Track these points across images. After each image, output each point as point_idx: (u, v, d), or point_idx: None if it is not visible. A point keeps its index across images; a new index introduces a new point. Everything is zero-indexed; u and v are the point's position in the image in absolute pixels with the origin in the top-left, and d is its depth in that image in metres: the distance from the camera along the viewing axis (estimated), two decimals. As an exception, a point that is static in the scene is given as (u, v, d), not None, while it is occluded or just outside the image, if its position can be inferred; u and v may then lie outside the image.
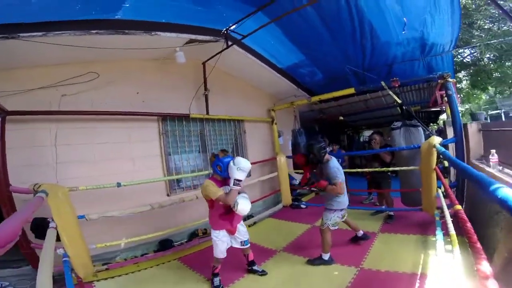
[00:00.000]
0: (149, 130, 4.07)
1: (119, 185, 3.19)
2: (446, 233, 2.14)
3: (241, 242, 2.80)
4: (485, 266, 1.03)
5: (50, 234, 2.01)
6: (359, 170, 5.50)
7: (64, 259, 2.24)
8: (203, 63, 4.59)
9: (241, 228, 2.81)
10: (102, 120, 3.52)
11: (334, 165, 2.94)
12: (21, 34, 2.51)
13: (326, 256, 2.99)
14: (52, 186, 2.57)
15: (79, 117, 3.32)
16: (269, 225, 4.76)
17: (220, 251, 2.68)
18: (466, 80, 10.64)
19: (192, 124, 4.63)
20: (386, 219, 4.25)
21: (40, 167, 3.10)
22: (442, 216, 2.61)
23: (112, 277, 3.06)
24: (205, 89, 4.61)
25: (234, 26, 3.71)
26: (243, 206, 2.49)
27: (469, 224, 1.42)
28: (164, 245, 3.81)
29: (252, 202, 4.57)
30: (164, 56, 3.96)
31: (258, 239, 3.93)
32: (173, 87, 4.42)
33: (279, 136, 6.39)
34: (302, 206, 5.65)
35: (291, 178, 6.08)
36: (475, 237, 1.28)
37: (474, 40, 7.80)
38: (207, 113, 4.67)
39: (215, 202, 2.57)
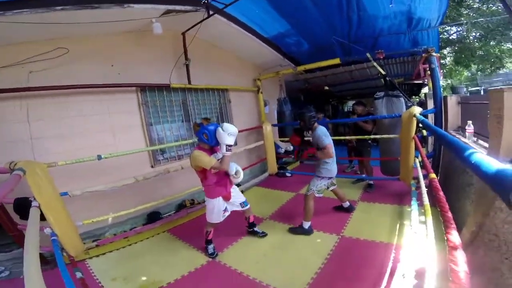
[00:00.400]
0: (128, 102, 3.90)
1: (99, 157, 3.07)
2: (421, 204, 2.29)
3: (240, 204, 2.92)
4: (455, 236, 1.05)
5: (33, 213, 1.96)
6: (341, 137, 5.62)
7: (53, 238, 2.22)
8: (183, 33, 4.34)
9: (235, 193, 2.89)
10: (75, 94, 3.32)
11: (322, 131, 3.07)
12: None
13: (306, 225, 3.12)
14: (29, 163, 2.44)
15: (50, 92, 3.10)
16: (256, 193, 4.89)
17: (216, 217, 2.75)
18: (450, 56, 10.95)
19: (173, 94, 4.46)
20: (366, 188, 4.47)
21: (15, 143, 2.94)
22: (418, 186, 2.74)
23: (104, 254, 3.10)
24: (186, 59, 4.41)
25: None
26: (241, 172, 2.65)
27: (441, 193, 1.44)
28: (152, 217, 3.85)
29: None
30: (140, 28, 3.70)
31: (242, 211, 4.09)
32: (151, 58, 4.17)
33: (265, 105, 6.33)
34: (288, 174, 5.82)
35: (276, 146, 6.18)
36: (446, 206, 1.30)
37: (462, 18, 7.87)
38: (189, 82, 4.51)
39: (208, 171, 2.55)
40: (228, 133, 2.42)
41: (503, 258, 1.37)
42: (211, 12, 3.67)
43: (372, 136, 4.38)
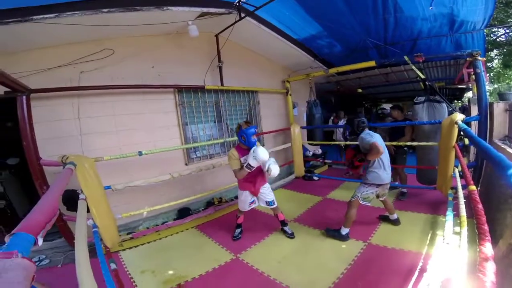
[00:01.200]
0: (166, 102, 4.16)
1: (140, 154, 3.36)
2: (457, 214, 2.17)
3: (266, 202, 3.20)
4: (487, 248, 1.04)
5: (81, 205, 2.14)
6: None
7: (94, 229, 2.41)
8: (216, 36, 4.53)
9: (264, 190, 3.18)
10: (121, 94, 3.60)
11: (365, 132, 2.99)
12: (34, 17, 2.53)
13: (344, 231, 3.03)
14: (79, 157, 2.69)
15: (99, 91, 3.40)
16: (281, 195, 4.90)
17: (243, 206, 3.22)
18: (498, 59, 9.99)
19: (207, 95, 4.66)
20: (398, 196, 4.28)
21: (66, 139, 3.27)
22: (456, 197, 2.60)
23: (136, 246, 3.31)
24: (219, 61, 4.59)
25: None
26: (275, 170, 2.85)
27: (480, 206, 1.41)
28: (183, 213, 4.05)
29: None
30: (177, 30, 3.91)
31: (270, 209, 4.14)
32: (187, 60, 4.39)
33: (294, 107, 6.32)
34: (315, 178, 5.76)
35: (304, 149, 6.14)
36: (483, 218, 1.28)
37: (511, 20, 7.23)
38: (222, 84, 4.67)
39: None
40: (253, 156, 2.76)
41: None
42: (242, 15, 3.79)
43: (409, 143, 4.17)
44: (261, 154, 2.74)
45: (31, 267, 0.70)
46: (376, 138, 2.88)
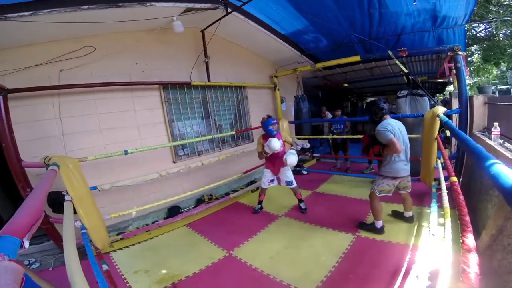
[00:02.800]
0: (151, 99, 4.06)
1: (126, 152, 3.23)
2: (441, 206, 2.25)
3: (286, 182, 3.78)
4: (470, 239, 1.08)
5: (68, 207, 2.08)
6: (360, 136, 5.53)
7: (82, 231, 2.36)
8: (202, 31, 4.42)
9: (285, 172, 3.77)
10: (103, 92, 3.49)
11: (382, 125, 2.75)
12: (8, 15, 2.39)
13: (378, 224, 2.97)
14: (62, 158, 2.60)
15: (80, 89, 3.28)
16: (271, 190, 4.84)
17: (264, 183, 3.89)
18: (478, 54, 10.38)
19: (194, 91, 4.58)
20: None
21: (48, 139, 3.15)
22: (439, 188, 2.69)
23: (127, 247, 3.26)
24: (205, 56, 4.50)
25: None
26: (290, 161, 3.50)
27: (461, 197, 1.45)
28: (173, 212, 4.01)
29: (254, 168, 4.88)
30: (161, 25, 3.80)
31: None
32: (172, 56, 4.30)
33: (282, 102, 6.34)
34: (304, 172, 5.83)
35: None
36: (465, 210, 1.32)
37: (491, 16, 7.51)
38: (208, 80, 4.60)
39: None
40: (267, 145, 3.45)
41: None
42: (229, 10, 3.73)
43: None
44: (272, 145, 3.39)
45: (19, 270, 0.69)
46: (395, 131, 2.69)
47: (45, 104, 3.14)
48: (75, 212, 2.41)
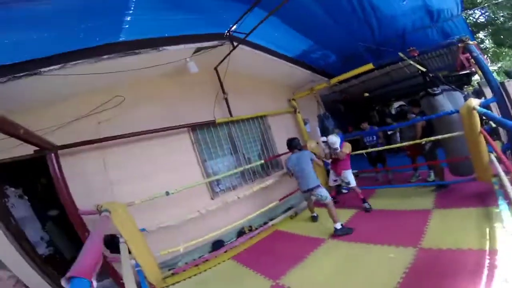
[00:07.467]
0: (183, 141, 4.28)
1: (167, 193, 3.47)
2: (510, 202, 2.00)
3: (346, 182, 4.31)
4: None
5: (123, 248, 2.22)
6: (397, 145, 5.37)
7: (137, 268, 2.45)
8: (215, 68, 4.61)
9: (346, 174, 4.27)
10: (138, 140, 3.77)
11: None
12: (42, 70, 2.69)
13: None
14: (112, 204, 2.82)
15: (119, 140, 3.55)
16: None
17: (330, 180, 4.63)
18: (489, 39, 10.03)
19: (219, 128, 4.74)
20: (435, 190, 4.06)
21: (98, 189, 3.39)
22: (502, 184, 2.42)
23: (178, 282, 3.29)
24: (223, 92, 4.63)
25: (235, 27, 3.76)
26: (331, 140, 4.20)
27: None
28: (216, 245, 4.02)
29: (289, 194, 4.90)
30: (178, 69, 4.02)
31: (303, 230, 4.02)
32: (195, 97, 4.53)
33: (305, 124, 6.31)
34: (344, 191, 5.54)
35: (325, 163, 5.99)
36: None
37: (480, 1, 7.55)
38: (231, 115, 4.73)
39: (332, 157, 4.38)
40: (322, 140, 4.36)
41: None
42: (235, 44, 3.91)
43: (430, 139, 4.02)
44: (330, 138, 4.25)
45: None
46: None
47: (91, 158, 3.45)
48: (129, 252, 2.51)
